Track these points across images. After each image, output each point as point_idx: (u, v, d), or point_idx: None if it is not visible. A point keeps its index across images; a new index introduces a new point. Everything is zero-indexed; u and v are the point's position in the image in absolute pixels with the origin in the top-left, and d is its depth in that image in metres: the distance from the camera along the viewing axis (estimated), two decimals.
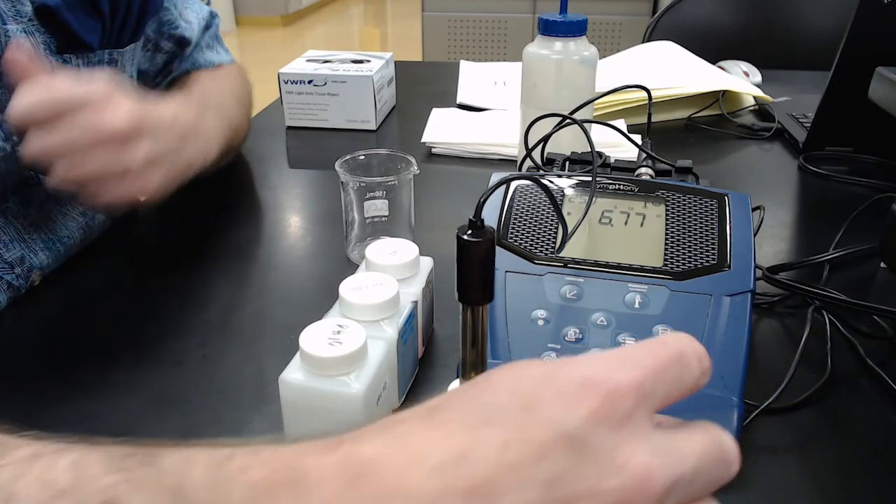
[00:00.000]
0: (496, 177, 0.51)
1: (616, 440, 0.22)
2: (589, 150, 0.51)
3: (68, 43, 0.56)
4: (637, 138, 0.63)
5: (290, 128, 0.97)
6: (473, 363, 0.32)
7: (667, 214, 0.49)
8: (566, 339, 0.43)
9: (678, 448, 0.23)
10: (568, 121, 0.54)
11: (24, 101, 0.48)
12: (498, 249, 0.38)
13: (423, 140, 0.88)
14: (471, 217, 0.29)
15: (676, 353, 0.25)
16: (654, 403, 0.23)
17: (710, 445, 0.24)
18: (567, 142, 0.61)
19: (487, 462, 0.21)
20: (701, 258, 0.46)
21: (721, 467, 0.24)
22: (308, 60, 0.99)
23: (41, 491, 0.23)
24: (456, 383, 0.34)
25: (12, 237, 0.58)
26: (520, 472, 0.21)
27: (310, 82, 0.94)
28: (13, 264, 0.57)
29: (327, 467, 0.22)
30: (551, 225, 0.49)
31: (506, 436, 0.21)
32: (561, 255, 0.48)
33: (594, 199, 0.50)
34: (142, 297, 0.60)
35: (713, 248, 0.47)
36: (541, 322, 0.44)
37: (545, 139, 0.57)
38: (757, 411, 0.43)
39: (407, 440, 0.22)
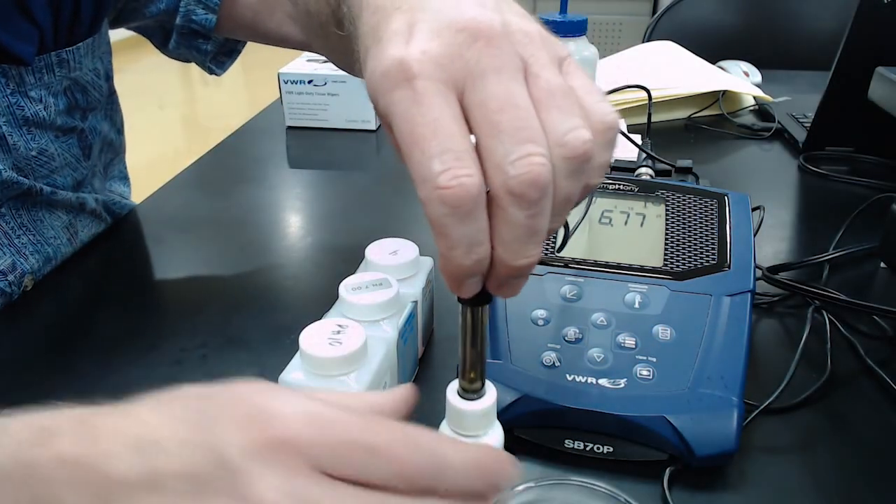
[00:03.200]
0: None
1: (256, 474, 0.25)
2: None
3: None
4: (637, 138, 0.63)
5: (290, 128, 0.97)
6: (473, 363, 0.32)
7: (667, 214, 0.49)
8: (566, 339, 0.43)
9: (318, 501, 0.25)
10: None
11: None
12: None
13: None
14: None
15: (372, 443, 0.26)
16: (318, 464, 0.25)
17: None
18: None
19: (166, 454, 0.25)
20: (701, 258, 0.46)
21: None
22: (308, 60, 0.99)
23: None
24: (455, 384, 0.34)
25: (2, 244, 0.57)
26: (183, 468, 0.25)
27: (310, 82, 0.94)
28: (5, 272, 0.57)
29: (70, 428, 0.27)
30: None
31: (188, 437, 0.26)
32: (561, 255, 0.48)
33: (594, 198, 0.50)
34: (140, 298, 0.60)
35: (713, 248, 0.47)
36: (541, 322, 0.44)
37: None
38: (757, 411, 0.43)
39: (126, 415, 0.27)
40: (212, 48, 0.70)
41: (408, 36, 0.28)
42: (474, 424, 0.34)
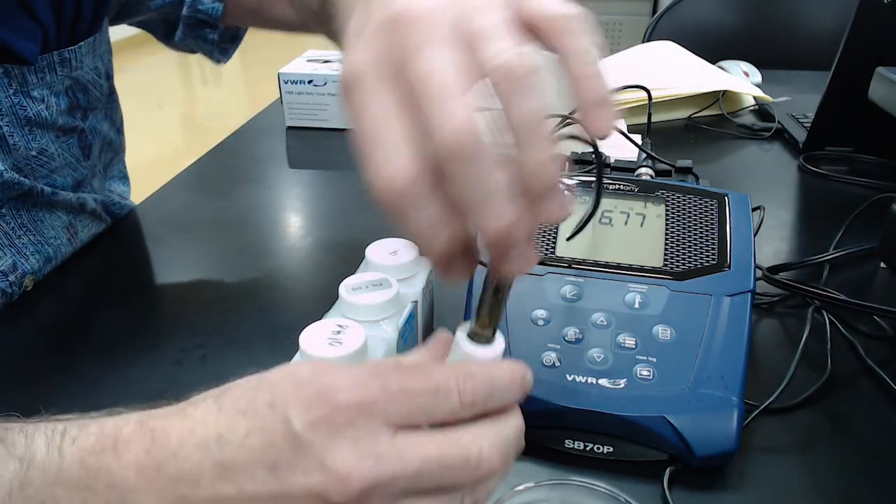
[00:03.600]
0: None
1: (329, 444, 0.26)
2: (589, 150, 0.51)
3: (0, 54, 0.52)
4: (637, 138, 0.63)
5: (290, 128, 0.97)
6: (492, 309, 0.32)
7: (667, 214, 0.49)
8: (566, 339, 0.43)
9: (399, 454, 0.27)
10: (568, 121, 0.54)
11: None
12: None
13: None
14: None
15: (432, 385, 0.28)
16: (386, 419, 0.27)
17: (443, 452, 0.28)
18: (567, 142, 0.61)
19: (231, 445, 0.27)
20: (701, 258, 0.46)
21: (455, 473, 0.28)
22: (308, 60, 0.99)
23: None
24: (466, 326, 0.33)
25: (3, 245, 0.57)
26: (252, 455, 0.27)
27: (310, 82, 0.94)
28: (6, 272, 0.57)
29: (137, 433, 0.28)
30: (551, 225, 0.49)
31: (249, 425, 0.27)
32: (561, 255, 0.48)
33: (601, 197, 0.50)
34: (140, 298, 0.60)
35: (713, 248, 0.47)
36: (541, 322, 0.44)
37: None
38: (757, 411, 0.43)
39: (192, 417, 0.29)
40: (217, 37, 0.70)
41: (357, 38, 0.30)
42: None
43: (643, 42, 1.34)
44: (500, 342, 0.33)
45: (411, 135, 0.27)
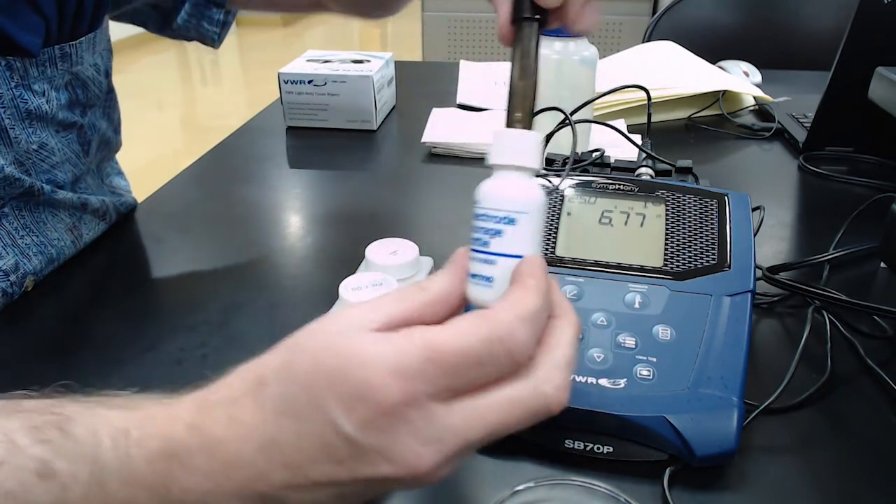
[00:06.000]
0: None
1: (387, 440, 0.27)
2: (590, 150, 0.51)
3: (4, 46, 0.52)
4: (637, 138, 0.63)
5: (290, 128, 0.97)
6: (523, 98, 0.30)
7: (667, 214, 0.49)
8: None
9: (459, 430, 0.28)
10: (568, 121, 0.54)
11: None
12: None
13: (423, 140, 0.88)
14: None
15: (474, 356, 0.28)
16: (436, 398, 0.27)
17: (505, 418, 0.28)
18: (567, 142, 0.61)
19: (289, 447, 0.28)
20: (701, 258, 0.46)
21: (525, 423, 0.29)
22: (308, 60, 0.99)
23: None
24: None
25: (6, 244, 0.57)
26: (312, 455, 0.28)
27: (310, 82, 0.94)
28: (8, 272, 0.57)
29: (195, 441, 0.29)
30: (550, 225, 0.49)
31: (298, 428, 0.28)
32: (561, 254, 0.48)
33: (595, 199, 0.50)
34: (140, 298, 0.60)
35: (713, 248, 0.47)
36: None
37: (546, 140, 0.57)
38: (757, 411, 0.43)
39: (241, 422, 0.29)
40: (223, 17, 0.69)
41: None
42: (507, 152, 0.30)
43: (643, 42, 1.34)
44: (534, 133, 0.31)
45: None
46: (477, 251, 0.31)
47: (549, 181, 0.52)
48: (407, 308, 0.30)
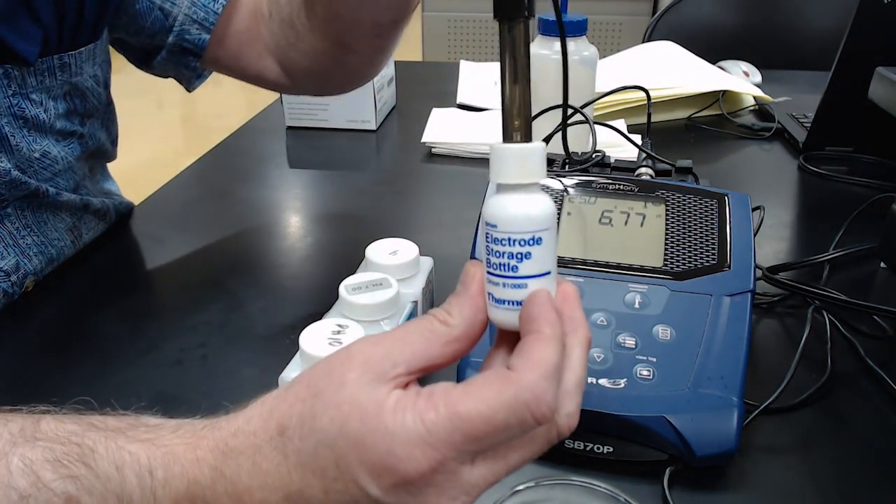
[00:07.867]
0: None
1: (413, 501, 0.28)
2: (589, 150, 0.51)
3: (1, 54, 0.52)
4: (637, 138, 0.63)
5: (290, 128, 0.97)
6: (518, 106, 0.28)
7: (667, 214, 0.49)
8: None
9: (487, 480, 0.28)
10: (569, 120, 0.54)
11: None
12: None
13: (423, 140, 0.88)
14: None
15: (499, 424, 0.27)
16: (462, 461, 0.28)
17: (527, 456, 0.29)
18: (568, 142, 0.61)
19: (315, 499, 0.28)
20: (701, 258, 0.46)
21: (542, 450, 0.30)
22: None
23: (5, 498, 0.28)
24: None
25: (7, 244, 0.57)
26: None
27: None
28: (9, 272, 0.57)
29: (221, 487, 0.29)
30: None
31: (324, 485, 0.28)
32: (561, 254, 0.48)
33: (595, 198, 0.50)
34: (140, 298, 0.60)
35: (713, 248, 0.47)
36: None
37: (546, 140, 0.57)
38: (757, 411, 0.43)
39: (266, 472, 0.29)
40: (200, 65, 0.69)
41: None
42: (515, 169, 0.29)
43: (643, 42, 1.34)
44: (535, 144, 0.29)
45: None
46: (504, 276, 0.29)
47: (562, 183, 0.52)
48: (430, 349, 0.29)
